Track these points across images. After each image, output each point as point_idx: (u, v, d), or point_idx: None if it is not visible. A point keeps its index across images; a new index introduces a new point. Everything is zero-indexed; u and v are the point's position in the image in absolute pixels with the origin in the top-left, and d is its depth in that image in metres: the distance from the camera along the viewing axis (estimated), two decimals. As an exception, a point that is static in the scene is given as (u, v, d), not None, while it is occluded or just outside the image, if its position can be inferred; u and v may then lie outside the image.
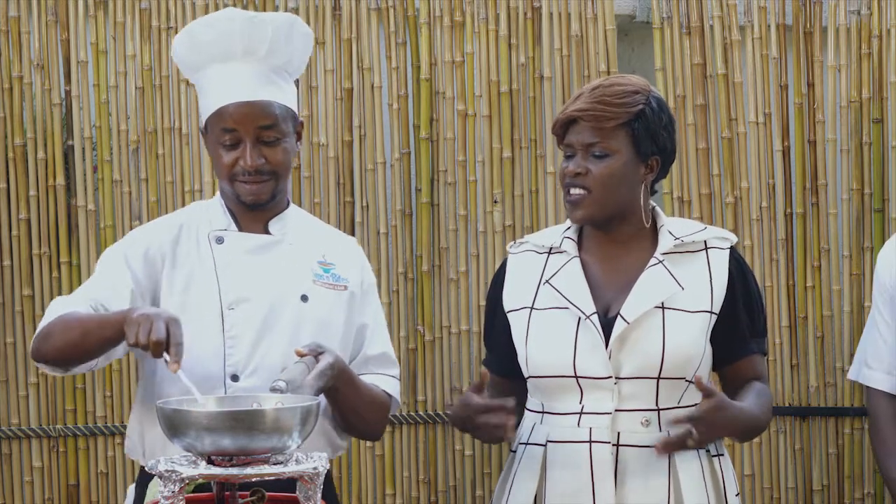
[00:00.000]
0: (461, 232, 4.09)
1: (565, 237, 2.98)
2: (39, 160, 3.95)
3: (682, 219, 3.05)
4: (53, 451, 3.97)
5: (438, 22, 4.08)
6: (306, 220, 3.07)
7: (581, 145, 2.86)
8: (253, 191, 2.89)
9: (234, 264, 2.91)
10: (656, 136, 2.88)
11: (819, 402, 4.16)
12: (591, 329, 2.86)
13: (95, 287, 2.88)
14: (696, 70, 4.13)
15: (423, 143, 4.09)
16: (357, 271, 3.03)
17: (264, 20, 2.92)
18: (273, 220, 2.96)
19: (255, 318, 2.87)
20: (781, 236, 4.15)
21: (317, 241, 3.01)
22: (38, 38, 3.94)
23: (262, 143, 2.87)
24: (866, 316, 4.13)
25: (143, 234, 2.98)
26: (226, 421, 2.36)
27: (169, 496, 2.35)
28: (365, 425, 2.99)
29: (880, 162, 4.15)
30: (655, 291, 2.87)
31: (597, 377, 2.86)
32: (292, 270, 2.93)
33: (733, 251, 2.97)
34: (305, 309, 2.91)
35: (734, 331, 2.93)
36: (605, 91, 2.86)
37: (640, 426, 2.86)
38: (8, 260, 3.94)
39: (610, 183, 2.85)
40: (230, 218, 2.96)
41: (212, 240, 2.93)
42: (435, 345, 4.09)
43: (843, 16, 4.14)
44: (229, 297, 2.88)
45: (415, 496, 4.11)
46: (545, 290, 2.93)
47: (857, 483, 4.16)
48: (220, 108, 2.87)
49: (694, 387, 2.87)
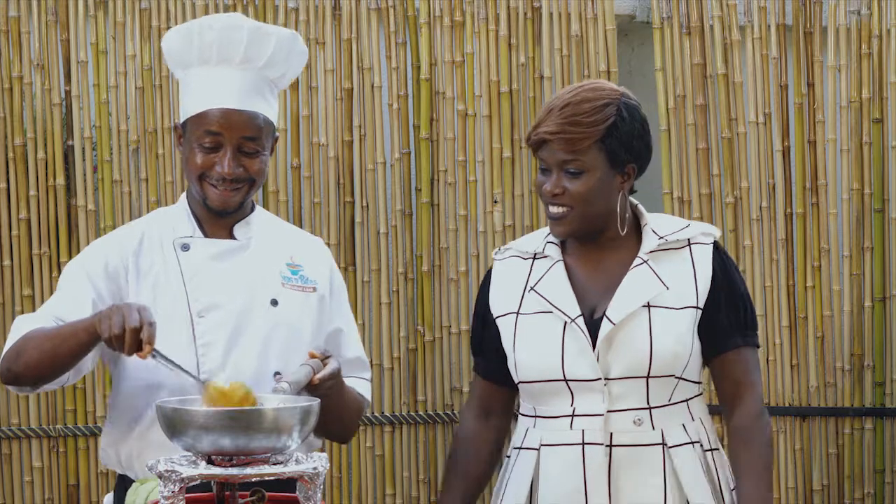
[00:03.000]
0: (461, 232, 4.10)
1: (548, 242, 2.98)
2: (39, 160, 3.95)
3: (665, 216, 3.04)
4: (53, 451, 3.97)
5: (438, 22, 4.08)
6: (272, 223, 3.05)
7: (555, 163, 2.86)
8: (224, 197, 2.87)
9: (201, 271, 2.89)
10: (630, 146, 2.87)
11: (819, 402, 4.16)
12: (577, 332, 2.86)
13: (57, 304, 2.85)
14: (696, 70, 4.13)
15: (423, 143, 4.09)
16: (326, 272, 3.01)
17: (269, 32, 2.90)
18: (238, 224, 2.95)
19: (226, 324, 2.85)
20: (781, 236, 4.15)
21: (283, 243, 3.00)
22: (38, 38, 3.94)
23: (241, 152, 2.86)
24: (866, 316, 4.14)
25: (102, 246, 2.95)
26: (225, 421, 2.36)
27: (169, 496, 2.35)
28: (343, 429, 3.00)
29: (880, 162, 4.15)
30: (640, 291, 2.87)
31: (586, 379, 2.86)
32: (260, 275, 2.92)
33: (716, 245, 2.97)
34: (276, 313, 2.89)
35: (718, 324, 2.92)
36: (576, 110, 2.84)
37: (632, 425, 2.87)
38: (8, 260, 3.94)
39: (588, 199, 2.86)
40: (195, 224, 2.94)
41: (177, 247, 2.91)
42: (435, 345, 4.09)
43: (843, 16, 4.15)
44: (199, 304, 2.86)
45: (415, 496, 4.11)
46: (531, 296, 2.94)
47: (857, 483, 4.16)
48: (207, 109, 2.86)
49: (684, 382, 2.88)
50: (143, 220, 3.04)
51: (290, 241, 3.02)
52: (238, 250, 2.93)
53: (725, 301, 2.93)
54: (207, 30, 2.88)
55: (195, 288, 2.87)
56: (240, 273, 2.90)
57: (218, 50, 2.87)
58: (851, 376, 4.15)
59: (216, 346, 2.84)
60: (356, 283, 4.05)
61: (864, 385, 4.16)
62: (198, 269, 2.89)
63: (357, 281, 4.06)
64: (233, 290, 2.88)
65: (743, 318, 2.95)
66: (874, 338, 4.15)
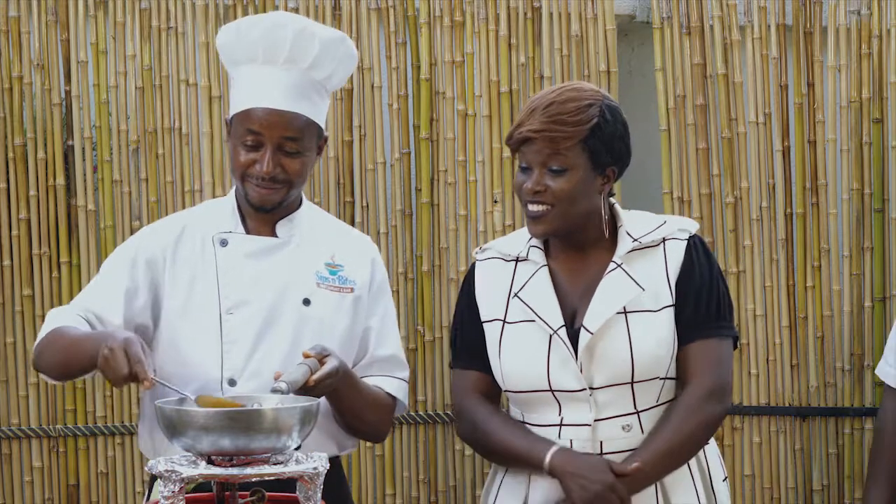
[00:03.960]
0: (461, 232, 4.09)
1: (532, 246, 2.97)
2: (39, 160, 3.95)
3: (641, 213, 3.01)
4: (53, 451, 3.97)
5: (438, 22, 4.08)
6: (319, 220, 3.05)
7: (538, 162, 2.86)
8: (263, 195, 2.88)
9: (235, 267, 2.90)
10: (611, 147, 2.87)
11: (819, 402, 4.16)
12: (560, 343, 2.85)
13: (91, 294, 2.89)
14: (696, 70, 4.13)
15: (423, 143, 4.09)
16: (366, 271, 3.01)
17: (314, 33, 2.90)
18: (281, 221, 2.95)
19: (254, 322, 2.86)
20: (781, 236, 4.15)
21: (326, 241, 2.99)
22: (38, 38, 3.94)
23: (282, 151, 2.86)
24: (866, 316, 4.14)
25: (144, 236, 2.98)
26: (225, 421, 2.36)
27: (169, 496, 2.35)
28: (366, 427, 2.99)
29: (880, 162, 4.15)
30: (615, 298, 2.85)
31: (571, 390, 2.85)
32: (296, 273, 2.92)
33: (693, 240, 2.94)
34: (307, 312, 2.89)
35: (683, 317, 2.89)
36: (560, 109, 2.84)
37: (621, 432, 2.86)
38: (8, 260, 3.94)
39: (569, 197, 2.85)
40: (238, 219, 2.95)
41: (216, 242, 2.93)
42: (435, 345, 4.09)
43: (843, 16, 4.14)
44: (229, 301, 2.87)
45: (415, 496, 4.11)
46: (515, 304, 2.92)
47: (857, 483, 4.16)
48: (250, 108, 2.87)
49: (671, 381, 2.87)
50: (189, 211, 3.07)
51: (334, 240, 3.01)
52: (277, 248, 2.93)
53: (690, 294, 2.90)
54: (253, 28, 2.89)
55: (227, 284, 2.88)
56: (274, 271, 2.91)
57: (263, 49, 2.87)
58: (851, 376, 4.15)
59: (241, 343, 2.85)
60: (356, 283, 4.06)
61: (864, 385, 4.16)
62: (233, 266, 2.90)
63: (357, 281, 4.06)
64: (265, 288, 2.88)
65: (706, 310, 2.90)
66: (874, 338, 4.15)
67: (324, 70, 2.92)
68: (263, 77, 2.88)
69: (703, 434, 2.89)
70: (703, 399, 2.87)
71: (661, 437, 2.84)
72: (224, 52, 2.95)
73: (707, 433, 2.90)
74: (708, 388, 2.88)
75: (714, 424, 2.90)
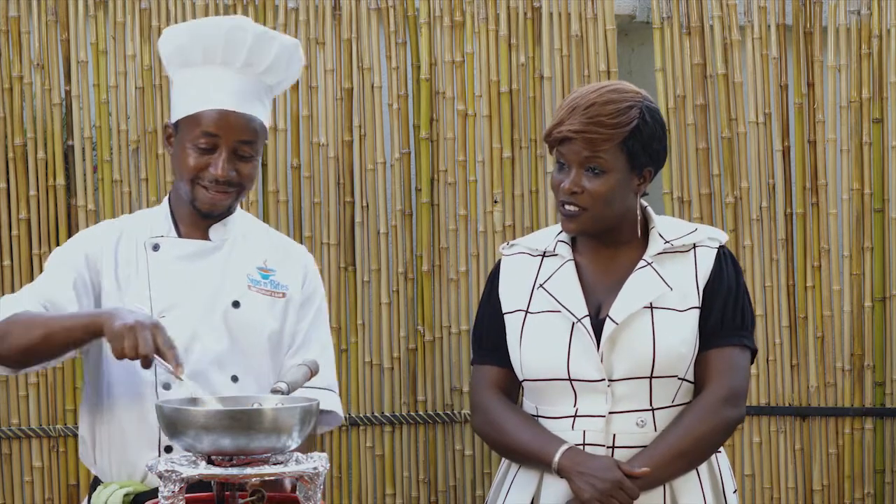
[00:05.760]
0: (461, 232, 4.10)
1: (559, 241, 2.98)
2: (39, 160, 3.95)
3: (674, 219, 3.04)
4: (53, 451, 3.97)
5: (438, 22, 4.08)
6: (251, 226, 3.03)
7: (576, 161, 2.86)
8: (214, 200, 2.87)
9: (167, 271, 2.89)
10: (650, 149, 2.88)
11: (819, 402, 4.16)
12: (583, 332, 2.86)
13: (41, 286, 2.86)
14: (696, 70, 4.13)
15: (423, 143, 4.09)
16: (299, 278, 3.00)
17: (274, 38, 2.90)
18: (215, 225, 2.94)
19: (186, 324, 2.84)
20: (781, 236, 4.15)
21: (259, 246, 2.98)
22: (38, 38, 3.94)
23: (236, 155, 2.86)
24: (866, 316, 4.14)
25: (84, 237, 2.97)
26: (225, 421, 2.36)
27: (169, 496, 2.35)
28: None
29: (880, 162, 4.15)
30: (643, 292, 2.88)
31: (590, 380, 2.86)
32: (227, 276, 2.91)
33: (722, 248, 2.97)
34: (237, 315, 2.89)
35: (707, 324, 2.92)
36: (601, 111, 2.84)
37: (635, 427, 2.87)
38: (8, 260, 3.94)
39: (606, 199, 2.86)
40: (171, 224, 2.94)
41: (147, 247, 2.92)
42: (435, 345, 4.09)
43: (843, 16, 4.14)
44: (160, 304, 2.86)
45: (415, 496, 4.11)
46: (539, 294, 2.93)
47: (857, 483, 4.16)
48: (204, 110, 2.86)
49: (688, 384, 2.88)
50: (125, 217, 3.06)
51: (266, 245, 3.00)
52: (208, 251, 2.92)
53: (716, 301, 2.92)
54: (214, 29, 2.88)
55: (158, 288, 2.87)
56: (205, 274, 2.90)
57: (223, 51, 2.86)
58: (851, 376, 4.15)
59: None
60: (356, 283, 4.05)
61: (864, 385, 4.16)
62: (164, 269, 2.89)
63: (357, 281, 4.06)
64: (195, 291, 2.87)
65: (731, 319, 2.93)
66: (874, 338, 4.15)
67: (276, 75, 2.92)
68: (218, 79, 2.86)
69: (716, 437, 2.90)
70: (719, 402, 2.88)
71: (674, 436, 2.85)
72: (175, 53, 2.92)
73: (720, 437, 2.91)
74: (724, 393, 2.90)
75: (728, 429, 2.91)
